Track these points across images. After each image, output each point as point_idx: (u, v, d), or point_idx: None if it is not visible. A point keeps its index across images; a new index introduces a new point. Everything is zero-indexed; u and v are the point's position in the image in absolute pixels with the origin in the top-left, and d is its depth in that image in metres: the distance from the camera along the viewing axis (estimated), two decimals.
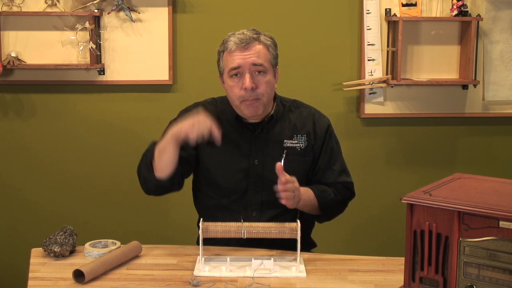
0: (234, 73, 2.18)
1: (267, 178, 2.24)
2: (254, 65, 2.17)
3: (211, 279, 1.91)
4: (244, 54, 2.17)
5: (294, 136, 2.29)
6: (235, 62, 2.17)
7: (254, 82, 2.17)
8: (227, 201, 2.29)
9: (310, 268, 2.00)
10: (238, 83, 2.18)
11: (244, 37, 2.18)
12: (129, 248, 2.06)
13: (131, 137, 3.39)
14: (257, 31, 2.23)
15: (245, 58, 2.16)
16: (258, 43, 2.19)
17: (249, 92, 2.16)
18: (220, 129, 2.10)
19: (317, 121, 2.33)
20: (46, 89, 3.34)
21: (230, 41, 2.19)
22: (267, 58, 2.20)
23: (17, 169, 3.41)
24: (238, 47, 2.17)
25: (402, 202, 1.66)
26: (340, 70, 3.38)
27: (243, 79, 2.17)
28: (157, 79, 3.33)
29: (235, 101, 2.22)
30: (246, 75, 2.16)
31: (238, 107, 2.23)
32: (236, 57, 2.17)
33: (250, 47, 2.17)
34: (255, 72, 2.18)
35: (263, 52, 2.19)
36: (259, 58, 2.18)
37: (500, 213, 1.53)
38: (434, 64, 3.38)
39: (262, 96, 2.20)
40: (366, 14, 3.31)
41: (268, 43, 2.22)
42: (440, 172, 2.96)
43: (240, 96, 2.18)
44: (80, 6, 3.22)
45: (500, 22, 3.37)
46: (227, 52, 2.20)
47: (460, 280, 1.61)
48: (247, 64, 2.16)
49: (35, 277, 1.93)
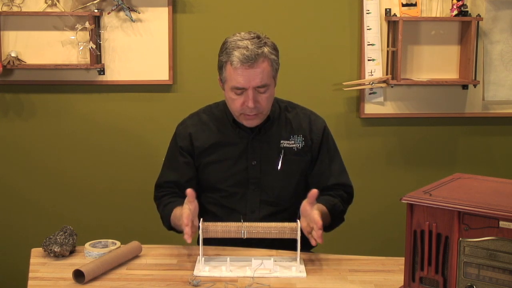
0: (238, 92, 2.18)
1: (265, 178, 2.28)
2: (258, 86, 2.17)
3: (211, 279, 1.91)
4: (249, 75, 2.13)
5: (291, 137, 2.30)
6: (240, 82, 2.15)
7: (256, 99, 2.17)
8: (226, 201, 2.30)
9: (310, 268, 2.00)
10: (240, 97, 2.18)
11: (249, 54, 2.12)
12: (129, 248, 2.06)
13: (131, 137, 3.39)
14: (260, 40, 2.17)
15: (249, 80, 2.14)
16: (263, 60, 2.14)
17: (250, 109, 2.18)
18: None
19: (314, 122, 2.35)
20: (46, 89, 3.34)
21: (233, 55, 2.13)
22: (270, 75, 2.19)
23: (17, 169, 3.41)
24: (243, 66, 2.13)
25: (402, 202, 1.66)
26: (340, 70, 3.38)
27: (245, 96, 2.16)
28: (157, 79, 3.33)
29: (235, 112, 2.23)
30: (250, 94, 2.15)
31: (237, 117, 2.25)
32: (241, 77, 2.14)
33: (255, 66, 2.13)
34: (258, 91, 2.17)
35: (267, 70, 2.16)
36: (263, 79, 2.15)
37: (500, 213, 1.53)
38: (434, 64, 3.38)
39: (263, 111, 2.22)
40: (366, 14, 3.30)
41: (272, 58, 2.18)
42: (440, 172, 2.96)
43: (241, 110, 2.20)
44: (80, 6, 3.22)
45: (500, 22, 3.37)
46: (230, 66, 2.15)
47: (460, 280, 1.61)
48: (251, 86, 2.15)
49: (35, 277, 1.93)
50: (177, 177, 2.31)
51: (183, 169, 2.31)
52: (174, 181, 2.32)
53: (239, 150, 2.29)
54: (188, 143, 2.31)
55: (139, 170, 3.38)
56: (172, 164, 2.34)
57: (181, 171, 2.31)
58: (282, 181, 2.29)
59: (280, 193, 2.29)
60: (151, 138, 3.38)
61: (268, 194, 2.28)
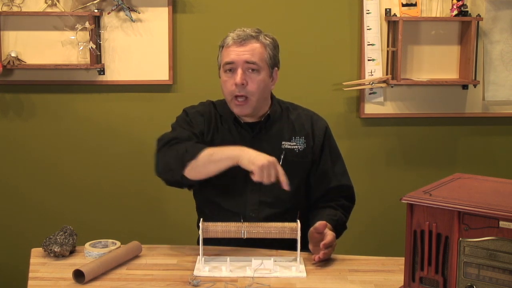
0: (228, 68, 2.22)
1: None
2: (247, 62, 2.20)
3: (211, 279, 1.91)
4: (239, 50, 2.20)
5: (293, 138, 2.30)
6: (230, 57, 2.21)
7: (246, 79, 2.20)
8: (226, 201, 2.29)
9: (310, 268, 2.00)
10: (230, 78, 2.22)
11: (242, 34, 2.21)
12: (129, 248, 2.06)
13: (131, 137, 3.39)
14: (259, 30, 2.26)
15: (239, 54, 2.20)
16: (255, 41, 2.22)
17: (239, 87, 2.19)
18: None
19: (315, 122, 2.35)
20: (46, 89, 3.34)
21: (228, 36, 2.23)
22: (263, 57, 2.22)
23: (17, 169, 3.41)
24: (234, 43, 2.21)
25: (402, 202, 1.66)
26: (340, 70, 3.38)
27: (235, 74, 2.20)
28: (157, 79, 3.33)
29: (227, 96, 2.25)
30: (238, 71, 2.20)
31: (229, 103, 2.26)
32: (231, 52, 2.21)
33: (246, 44, 2.20)
34: (248, 70, 2.20)
35: (259, 50, 2.21)
36: (253, 56, 2.20)
37: (500, 213, 1.53)
38: (434, 64, 3.39)
39: (252, 95, 2.21)
40: (366, 14, 3.31)
41: (267, 43, 2.24)
42: (440, 172, 2.96)
43: (231, 91, 2.22)
44: (80, 6, 3.22)
45: (500, 22, 3.37)
46: (224, 46, 2.24)
47: (460, 280, 1.61)
48: (240, 61, 2.19)
49: (35, 277, 1.93)
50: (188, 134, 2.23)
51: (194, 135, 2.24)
52: (186, 137, 2.22)
53: None
54: (200, 120, 2.28)
55: (139, 170, 3.38)
56: (184, 126, 2.28)
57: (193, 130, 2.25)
58: None
59: (279, 194, 2.28)
60: (151, 138, 3.34)
61: (268, 195, 2.27)
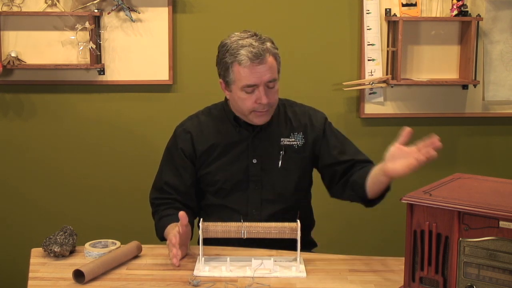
0: (250, 91, 2.18)
1: (266, 176, 2.27)
2: (269, 81, 2.18)
3: (211, 279, 1.91)
4: (259, 71, 2.15)
5: (291, 134, 2.30)
6: (251, 80, 2.15)
7: (267, 95, 2.18)
8: (226, 200, 2.30)
9: (310, 268, 2.00)
10: (251, 96, 2.18)
11: (256, 51, 2.13)
12: (129, 248, 2.06)
13: (131, 137, 3.39)
14: (259, 37, 2.19)
15: (260, 76, 2.15)
16: (269, 55, 2.17)
17: (263, 105, 2.18)
18: None
19: (313, 116, 2.35)
20: (46, 89, 3.34)
21: (240, 55, 2.14)
22: (276, 69, 2.21)
23: (17, 169, 3.41)
24: (252, 63, 2.14)
25: (402, 202, 1.66)
26: (340, 70, 3.38)
27: (257, 94, 2.17)
28: (157, 79, 3.33)
29: (245, 111, 2.22)
30: (261, 90, 2.16)
31: (246, 116, 2.24)
32: (251, 75, 2.15)
33: (263, 61, 2.15)
34: (268, 86, 2.19)
35: (274, 64, 2.19)
36: (273, 74, 2.18)
37: (500, 213, 1.53)
38: (434, 64, 3.38)
39: (273, 106, 2.24)
40: (366, 14, 3.31)
41: (275, 52, 2.21)
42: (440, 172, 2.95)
43: (253, 108, 2.20)
44: (80, 6, 3.22)
45: (500, 22, 3.37)
46: (239, 66, 2.15)
47: (460, 280, 1.61)
48: (262, 82, 2.16)
49: (35, 277, 1.93)
50: (176, 181, 2.30)
51: (183, 173, 2.30)
52: (174, 186, 2.30)
53: (239, 149, 2.28)
54: (189, 144, 2.30)
55: (139, 170, 3.38)
56: (172, 165, 2.32)
57: (181, 175, 2.30)
58: (283, 178, 2.29)
59: (281, 191, 2.29)
60: (151, 138, 3.38)
61: (269, 192, 2.28)
